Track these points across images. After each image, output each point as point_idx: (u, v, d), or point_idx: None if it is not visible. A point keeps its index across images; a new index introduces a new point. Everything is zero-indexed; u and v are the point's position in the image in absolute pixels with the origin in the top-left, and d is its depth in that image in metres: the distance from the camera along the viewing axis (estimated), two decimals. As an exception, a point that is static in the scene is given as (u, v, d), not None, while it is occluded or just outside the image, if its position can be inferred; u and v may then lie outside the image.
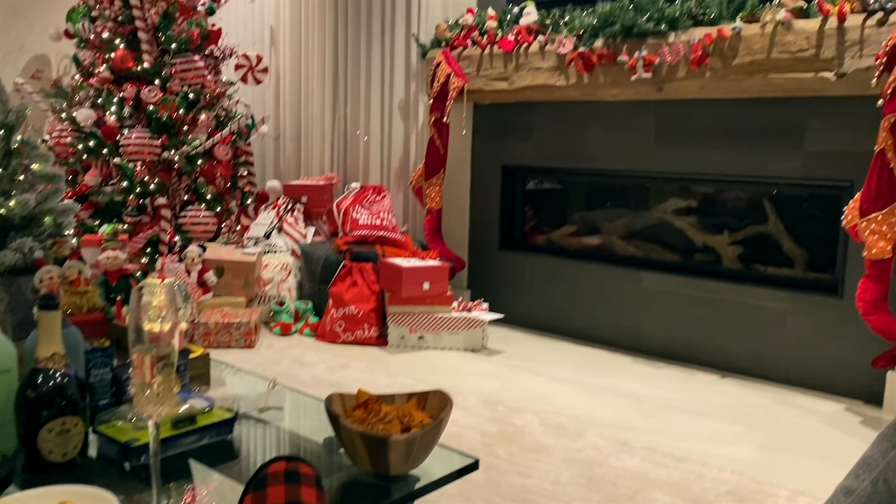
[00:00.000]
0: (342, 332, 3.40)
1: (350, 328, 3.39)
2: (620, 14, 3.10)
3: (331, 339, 3.42)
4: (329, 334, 3.43)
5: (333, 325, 3.41)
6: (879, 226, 2.53)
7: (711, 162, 3.18)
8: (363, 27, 4.26)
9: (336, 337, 3.41)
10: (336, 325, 3.41)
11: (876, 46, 2.53)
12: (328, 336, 3.43)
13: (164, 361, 0.99)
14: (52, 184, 2.09)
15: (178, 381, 1.02)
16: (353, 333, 3.39)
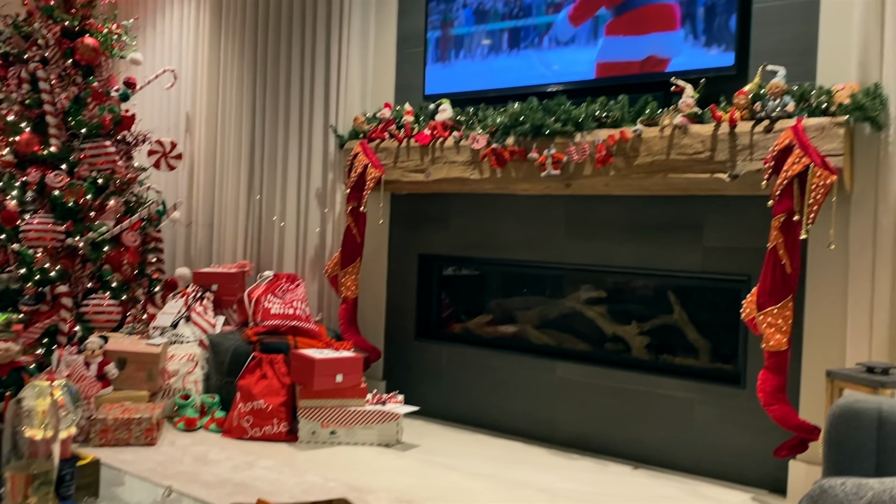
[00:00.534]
0: (250, 427, 3.27)
1: (258, 423, 3.27)
2: (530, 114, 3.24)
3: (238, 435, 3.28)
4: (236, 430, 3.29)
5: (241, 420, 3.28)
6: (775, 319, 2.65)
7: (618, 254, 3.29)
8: (281, 116, 4.29)
9: (243, 433, 3.27)
10: (244, 420, 3.28)
11: (765, 151, 2.72)
12: (235, 432, 3.29)
13: (41, 480, 0.92)
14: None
15: (56, 501, 0.95)
16: (261, 429, 3.26)
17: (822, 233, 2.75)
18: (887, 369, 2.39)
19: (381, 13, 4.06)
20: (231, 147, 4.52)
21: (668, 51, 3.07)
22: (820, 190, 2.52)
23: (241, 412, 3.29)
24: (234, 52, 4.52)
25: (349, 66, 4.01)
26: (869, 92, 2.60)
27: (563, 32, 3.36)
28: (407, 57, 3.97)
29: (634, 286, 3.42)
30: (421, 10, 3.88)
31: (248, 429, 3.27)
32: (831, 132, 2.59)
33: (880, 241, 2.64)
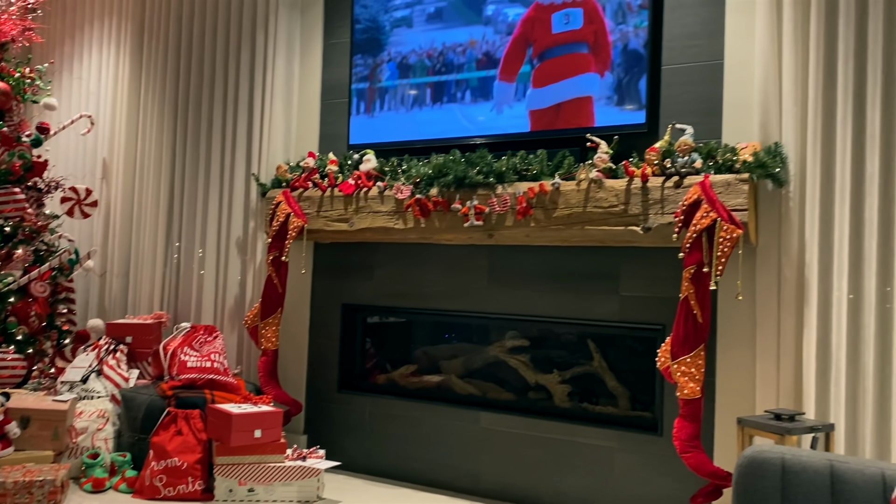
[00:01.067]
0: (163, 486, 3.13)
1: (172, 482, 3.14)
2: (453, 166, 3.29)
3: (150, 496, 3.14)
4: (148, 490, 3.14)
5: (153, 480, 3.14)
6: (688, 368, 2.73)
7: (540, 304, 3.34)
8: (202, 163, 4.23)
9: (156, 493, 3.13)
10: (156, 480, 3.14)
11: (675, 205, 2.83)
12: (147, 492, 3.14)
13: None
14: None
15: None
16: (174, 488, 3.13)
17: (730, 284, 2.87)
18: (793, 416, 2.48)
19: (305, 63, 4.08)
20: (150, 194, 4.41)
21: (584, 108, 3.18)
22: (727, 243, 2.63)
23: (153, 471, 3.15)
24: (155, 99, 4.45)
25: (273, 114, 4.00)
26: (770, 150, 2.76)
27: (485, 88, 3.44)
28: (331, 107, 3.99)
29: (556, 335, 3.48)
30: (345, 62, 3.92)
31: (160, 488, 3.13)
32: (736, 188, 2.72)
33: (784, 292, 2.76)
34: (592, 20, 3.18)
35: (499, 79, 3.40)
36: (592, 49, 3.17)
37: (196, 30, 4.31)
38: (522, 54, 3.35)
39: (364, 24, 3.80)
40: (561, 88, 3.25)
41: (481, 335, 3.69)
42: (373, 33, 3.77)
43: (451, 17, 3.56)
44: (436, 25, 3.60)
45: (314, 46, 4.06)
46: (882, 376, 2.61)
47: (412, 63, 3.65)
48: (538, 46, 3.31)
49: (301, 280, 3.97)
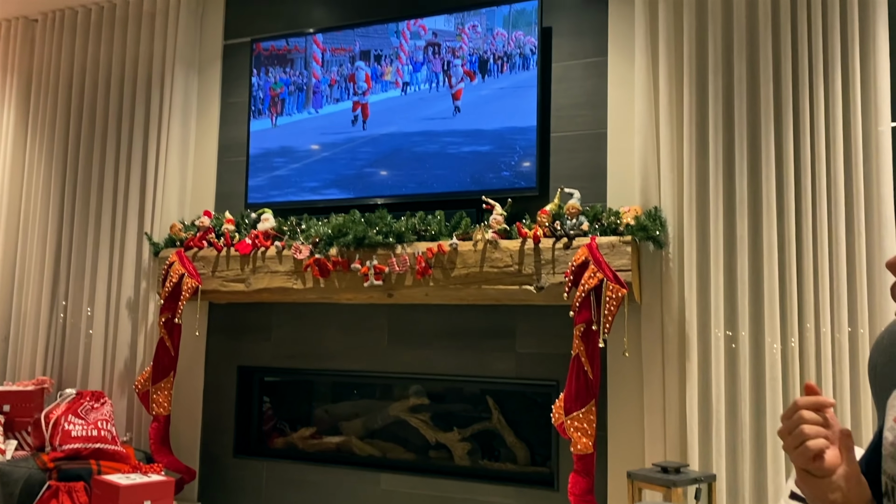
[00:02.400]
0: (41, 567, 2.94)
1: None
2: (353, 226, 3.32)
3: (26, 579, 2.93)
4: (24, 572, 2.94)
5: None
6: (581, 423, 2.82)
7: (439, 362, 3.38)
8: (92, 220, 4.09)
9: (33, 575, 2.94)
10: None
11: (565, 265, 2.95)
12: (23, 574, 2.94)
13: None
14: None
15: None
16: (54, 569, 2.94)
17: (618, 341, 3.00)
18: (678, 468, 2.60)
19: (202, 121, 4.04)
20: (34, 252, 4.21)
21: (479, 171, 3.30)
22: (613, 302, 2.76)
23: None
24: (42, 155, 4.29)
25: (167, 172, 3.93)
26: (650, 214, 2.93)
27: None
28: (229, 165, 3.97)
29: (456, 392, 3.52)
30: (243, 121, 3.92)
31: (38, 570, 2.94)
32: (620, 249, 2.88)
33: (667, 349, 2.92)
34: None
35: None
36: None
37: (88, 85, 4.21)
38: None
39: (260, 86, 3.83)
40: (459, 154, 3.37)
41: (382, 394, 3.69)
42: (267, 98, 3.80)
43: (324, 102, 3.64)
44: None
45: (212, 105, 4.04)
46: (758, 427, 2.78)
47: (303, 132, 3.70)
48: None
49: (195, 342, 3.87)
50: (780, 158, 2.84)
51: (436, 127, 3.43)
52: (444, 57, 3.44)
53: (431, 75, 3.47)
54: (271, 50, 3.82)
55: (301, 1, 3.91)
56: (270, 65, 3.82)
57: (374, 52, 3.61)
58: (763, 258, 2.82)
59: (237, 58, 4.01)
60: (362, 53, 3.63)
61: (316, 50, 3.73)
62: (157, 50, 4.06)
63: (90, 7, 4.27)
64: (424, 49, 3.49)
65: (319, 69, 3.72)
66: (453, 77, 3.42)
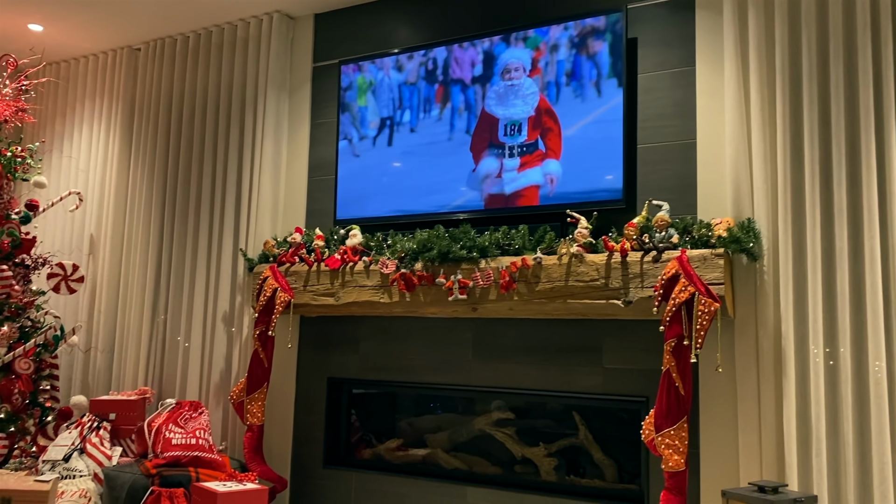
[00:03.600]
0: (145, 569, 3.08)
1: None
2: (437, 241, 3.36)
3: (131, 579, 3.08)
4: (130, 573, 3.09)
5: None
6: (672, 440, 2.75)
7: (524, 377, 3.37)
8: (190, 239, 4.28)
9: (138, 576, 3.08)
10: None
11: (654, 279, 2.90)
12: (128, 575, 3.09)
13: None
14: None
15: None
16: (157, 571, 3.08)
17: (710, 356, 2.92)
18: (776, 488, 2.50)
19: (293, 142, 4.19)
20: (136, 269, 4.45)
21: (563, 184, 3.30)
22: (705, 317, 2.70)
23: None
24: (144, 175, 4.53)
25: (261, 191, 4.08)
26: (743, 226, 2.85)
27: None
28: (318, 184, 4.09)
29: (541, 407, 3.50)
30: (332, 141, 4.04)
31: (142, 572, 3.08)
32: (712, 262, 2.81)
33: (763, 365, 2.82)
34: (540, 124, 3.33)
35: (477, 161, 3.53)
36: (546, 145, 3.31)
37: (186, 109, 4.43)
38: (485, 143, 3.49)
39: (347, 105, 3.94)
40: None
41: (466, 408, 3.71)
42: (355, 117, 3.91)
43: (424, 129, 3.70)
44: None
45: (301, 125, 4.18)
46: (862, 446, 2.65)
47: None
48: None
49: (287, 354, 3.99)
50: (881, 165, 2.72)
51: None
52: (526, 70, 3.46)
53: (510, 91, 3.48)
54: (358, 70, 3.93)
55: (387, 22, 4.00)
56: (358, 85, 3.92)
57: (461, 71, 3.66)
58: (864, 270, 2.70)
59: (326, 79, 4.14)
60: (445, 70, 3.68)
61: (403, 68, 3.81)
62: (250, 74, 4.24)
63: (188, 35, 4.50)
64: (504, 72, 3.51)
65: (405, 88, 3.79)
66: (537, 93, 3.43)
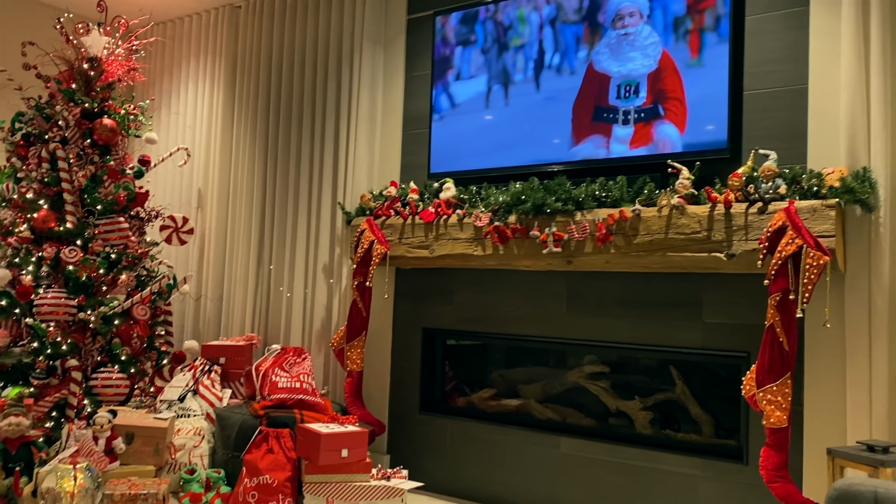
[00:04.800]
0: (255, 502, 3.27)
1: (264, 499, 3.27)
2: (531, 194, 3.35)
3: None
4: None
5: (246, 496, 3.29)
6: (775, 396, 2.69)
7: (619, 330, 3.35)
8: (291, 192, 4.42)
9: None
10: (249, 496, 3.28)
11: (759, 231, 2.80)
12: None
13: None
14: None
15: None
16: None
17: (818, 311, 2.82)
18: (887, 448, 2.41)
19: (388, 95, 4.23)
20: (242, 222, 4.64)
21: (666, 133, 3.20)
22: (813, 270, 2.59)
23: (246, 487, 3.30)
24: (247, 131, 4.69)
25: (357, 145, 4.16)
26: (858, 176, 2.71)
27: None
28: (412, 137, 4.12)
29: (637, 361, 3.47)
30: (426, 94, 4.05)
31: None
32: (823, 214, 2.68)
33: (875, 321, 2.70)
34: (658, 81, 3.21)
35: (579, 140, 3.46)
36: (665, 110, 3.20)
37: (285, 65, 4.53)
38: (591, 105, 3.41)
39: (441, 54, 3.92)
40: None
41: (559, 361, 3.72)
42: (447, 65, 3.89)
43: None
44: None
45: (396, 79, 4.21)
46: (983, 408, 2.51)
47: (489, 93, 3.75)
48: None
49: (384, 304, 4.09)
50: None
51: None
52: (630, 13, 3.35)
53: (623, 42, 3.39)
54: (453, 21, 3.90)
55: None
56: (452, 36, 3.91)
57: (552, 15, 3.58)
58: None
59: (420, 32, 4.14)
60: (542, 18, 3.61)
61: (497, 18, 3.76)
62: (346, 28, 4.28)
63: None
64: (616, 19, 3.41)
65: (500, 36, 3.75)
66: (640, 36, 3.32)
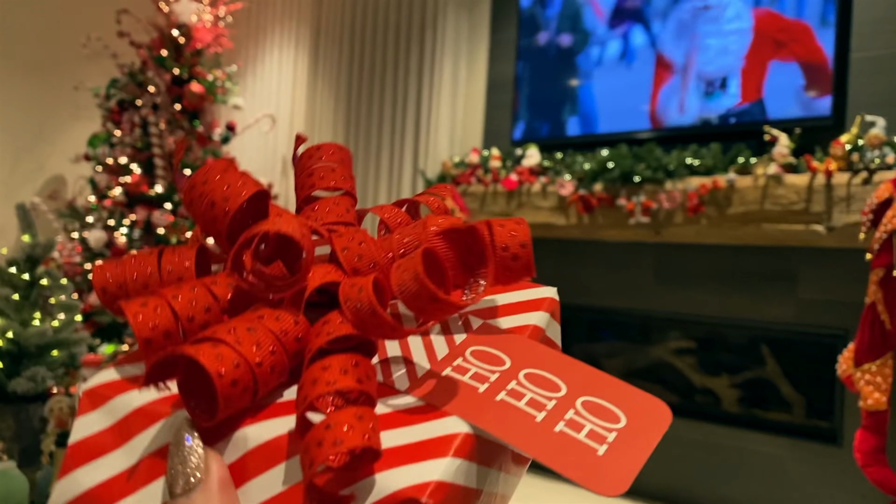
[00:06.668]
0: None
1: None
2: (619, 161, 3.25)
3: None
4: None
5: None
6: (874, 377, 2.55)
7: (709, 304, 3.24)
8: (372, 159, 4.44)
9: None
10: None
11: (862, 203, 2.65)
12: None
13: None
14: (68, 314, 2.14)
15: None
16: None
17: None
18: None
19: (471, 60, 4.18)
20: (323, 188, 4.70)
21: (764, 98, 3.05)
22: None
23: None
24: (329, 97, 4.72)
25: (439, 111, 4.13)
26: (977, 144, 2.52)
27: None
28: (496, 103, 4.06)
29: (725, 337, 3.36)
30: (511, 58, 3.97)
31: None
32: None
33: None
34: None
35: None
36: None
37: (368, 30, 4.52)
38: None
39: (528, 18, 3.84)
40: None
41: (644, 335, 3.64)
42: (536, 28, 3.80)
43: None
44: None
45: (480, 43, 4.14)
46: None
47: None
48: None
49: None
50: None
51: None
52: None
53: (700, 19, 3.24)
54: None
55: (569, -69, 3.82)
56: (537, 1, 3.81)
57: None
58: None
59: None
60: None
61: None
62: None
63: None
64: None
65: (587, 6, 3.64)
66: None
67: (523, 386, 0.38)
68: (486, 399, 0.36)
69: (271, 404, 0.35)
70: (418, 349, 0.40)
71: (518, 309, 0.46)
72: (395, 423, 0.34)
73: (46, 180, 4.80)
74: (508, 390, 0.37)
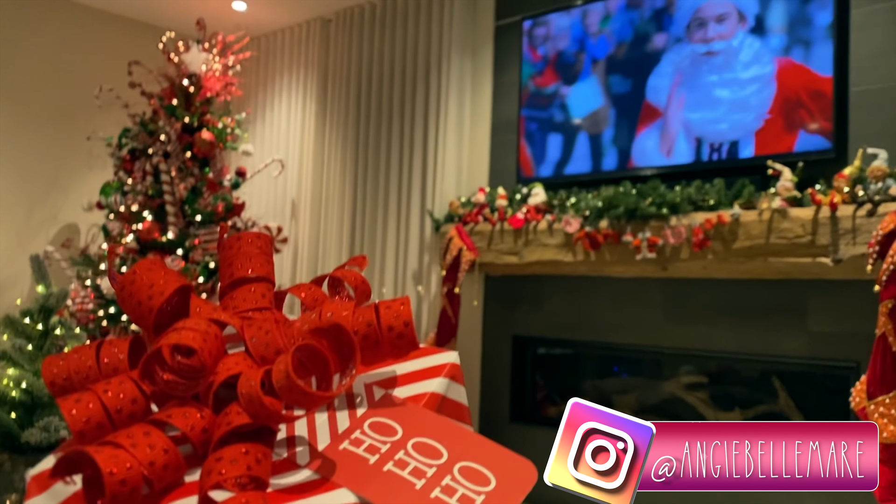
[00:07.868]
0: None
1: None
2: (624, 198, 3.28)
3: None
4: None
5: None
6: (888, 409, 2.53)
7: (719, 339, 3.23)
8: (381, 201, 4.49)
9: None
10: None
11: (868, 234, 2.66)
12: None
13: None
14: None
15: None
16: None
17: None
18: None
19: (475, 101, 4.24)
20: (332, 230, 4.74)
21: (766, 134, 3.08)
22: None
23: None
24: (337, 141, 4.79)
25: (445, 152, 4.18)
26: (979, 174, 2.53)
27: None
28: (501, 143, 4.11)
29: (737, 371, 3.34)
30: (514, 99, 4.03)
31: None
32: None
33: None
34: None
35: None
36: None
37: (375, 75, 4.61)
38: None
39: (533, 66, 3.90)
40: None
41: (654, 370, 3.62)
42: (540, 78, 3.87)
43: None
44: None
45: (484, 85, 4.21)
46: None
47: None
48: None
49: (473, 311, 4.09)
50: None
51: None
52: (724, 14, 3.25)
53: (706, 27, 3.29)
54: (541, 25, 3.88)
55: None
56: (540, 41, 3.88)
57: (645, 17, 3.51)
58: None
59: (508, 37, 4.13)
60: (629, 20, 3.54)
61: (585, 22, 3.71)
62: (434, 37, 4.32)
63: (375, 3, 4.66)
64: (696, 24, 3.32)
65: (589, 41, 3.70)
66: (736, 34, 3.22)
67: (410, 455, 0.41)
68: (374, 470, 0.39)
69: (180, 486, 0.38)
70: (323, 424, 0.44)
71: (418, 377, 0.51)
72: (288, 498, 0.37)
73: (60, 229, 4.87)
74: (396, 460, 0.40)
